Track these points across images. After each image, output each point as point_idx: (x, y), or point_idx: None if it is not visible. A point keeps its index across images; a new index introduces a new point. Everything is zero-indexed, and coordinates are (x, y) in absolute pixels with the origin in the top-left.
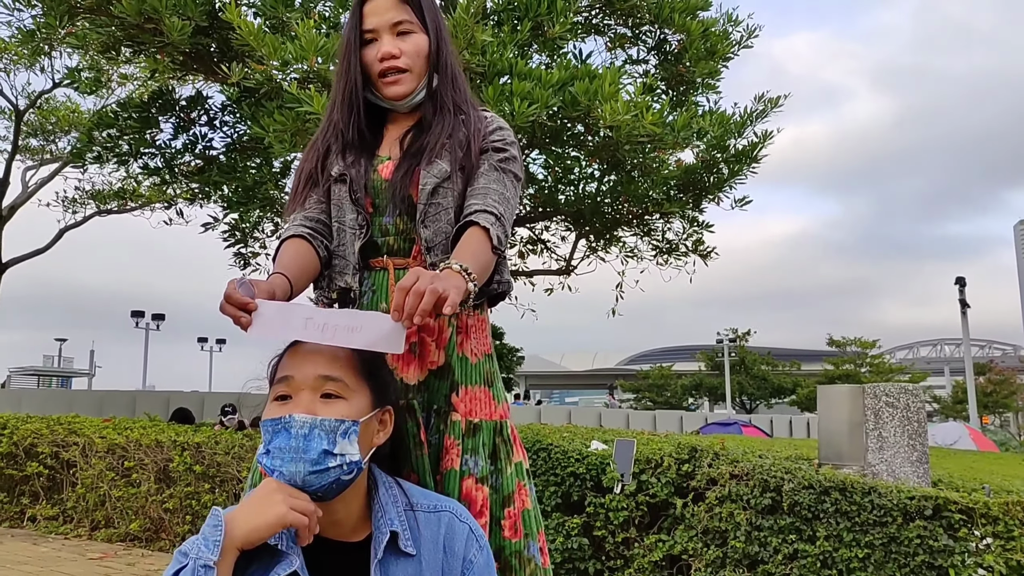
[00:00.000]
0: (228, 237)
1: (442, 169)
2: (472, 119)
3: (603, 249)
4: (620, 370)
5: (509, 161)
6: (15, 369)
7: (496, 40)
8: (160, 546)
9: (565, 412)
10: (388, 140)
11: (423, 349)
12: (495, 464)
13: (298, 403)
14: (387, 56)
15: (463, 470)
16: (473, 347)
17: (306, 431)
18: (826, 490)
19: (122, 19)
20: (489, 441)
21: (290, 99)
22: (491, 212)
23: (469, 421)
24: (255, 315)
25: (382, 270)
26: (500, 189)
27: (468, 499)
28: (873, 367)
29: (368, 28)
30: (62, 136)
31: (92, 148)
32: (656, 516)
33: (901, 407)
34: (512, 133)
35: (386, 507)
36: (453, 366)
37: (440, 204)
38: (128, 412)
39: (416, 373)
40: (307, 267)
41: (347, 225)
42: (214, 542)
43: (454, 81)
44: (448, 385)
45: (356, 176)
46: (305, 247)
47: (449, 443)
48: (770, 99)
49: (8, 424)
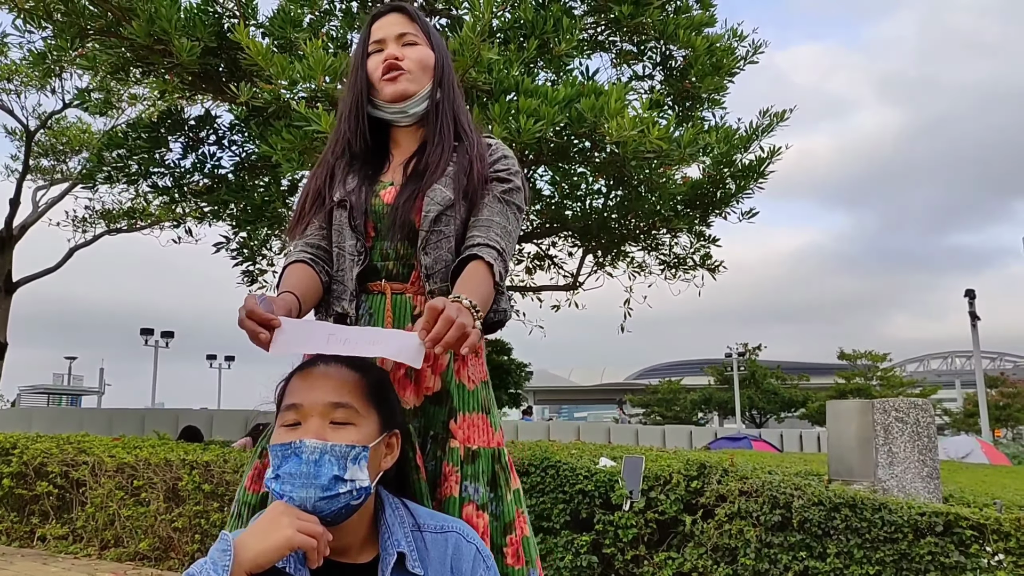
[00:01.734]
0: (236, 255)
1: (445, 196)
2: (475, 144)
3: (610, 264)
4: (629, 385)
5: (512, 192)
6: (25, 387)
7: (502, 58)
8: (169, 565)
9: (574, 428)
10: (393, 164)
11: (419, 374)
12: (495, 491)
13: (307, 429)
14: (390, 57)
15: (463, 497)
16: (470, 373)
17: (316, 456)
18: (836, 507)
19: (132, 41)
20: (488, 468)
21: (298, 118)
22: (494, 247)
23: (468, 448)
24: (277, 331)
25: (379, 294)
26: (503, 222)
27: (470, 525)
28: (884, 380)
29: (375, 39)
30: (72, 156)
31: (102, 168)
32: (665, 533)
33: (911, 422)
34: (516, 162)
35: (393, 528)
36: (451, 393)
37: (442, 232)
38: (137, 430)
39: (412, 398)
40: (311, 290)
41: (346, 251)
42: (223, 567)
43: (455, 102)
44: (446, 412)
45: (357, 203)
46: (308, 271)
47: (448, 470)
48: (776, 113)
49: (18, 444)
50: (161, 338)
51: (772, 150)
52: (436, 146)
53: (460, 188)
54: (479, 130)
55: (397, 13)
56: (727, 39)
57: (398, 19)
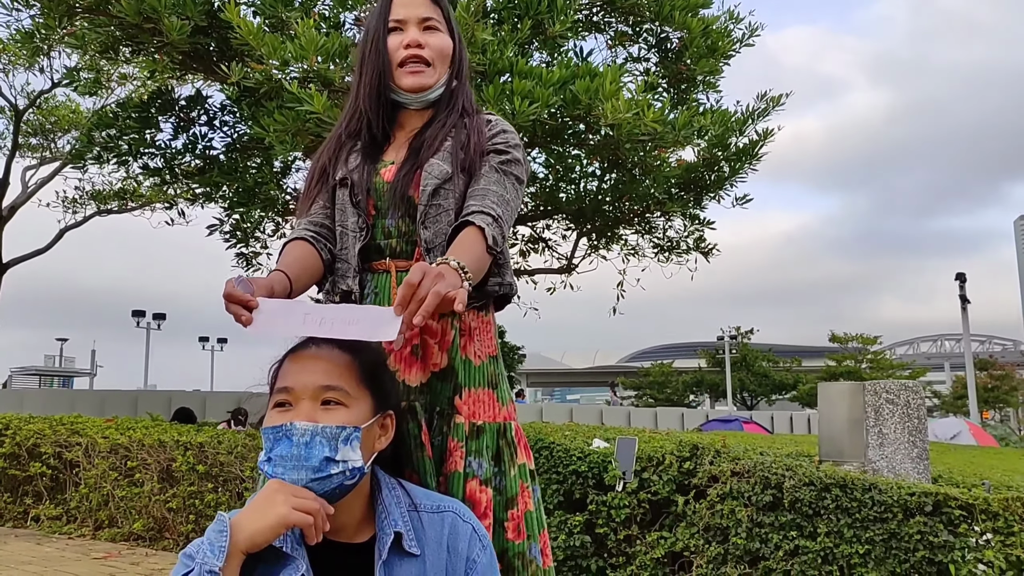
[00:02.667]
0: (230, 237)
1: (443, 170)
2: (476, 120)
3: (604, 247)
4: (621, 367)
5: (511, 163)
6: (16, 369)
7: (496, 39)
8: (164, 545)
9: (567, 410)
10: (396, 143)
11: (425, 351)
12: (498, 466)
13: (299, 411)
14: (413, 43)
15: (467, 472)
16: (477, 349)
17: (307, 439)
18: (827, 487)
19: (121, 19)
20: (492, 443)
21: (290, 99)
22: (488, 213)
23: (472, 423)
24: (255, 312)
25: (384, 272)
26: (500, 191)
27: (472, 501)
28: (874, 363)
29: (396, 18)
30: (62, 136)
31: (92, 148)
32: (658, 513)
33: (901, 404)
34: (516, 136)
35: (390, 508)
36: (456, 368)
37: (441, 205)
38: (130, 412)
39: (418, 375)
40: (309, 268)
41: (349, 228)
42: (219, 548)
43: (468, 88)
44: (451, 387)
45: (358, 180)
46: (308, 249)
47: (453, 445)
48: (772, 97)
49: (11, 424)
50: (153, 320)
51: (765, 132)
52: (438, 122)
53: (457, 161)
54: (480, 107)
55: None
56: (723, 21)
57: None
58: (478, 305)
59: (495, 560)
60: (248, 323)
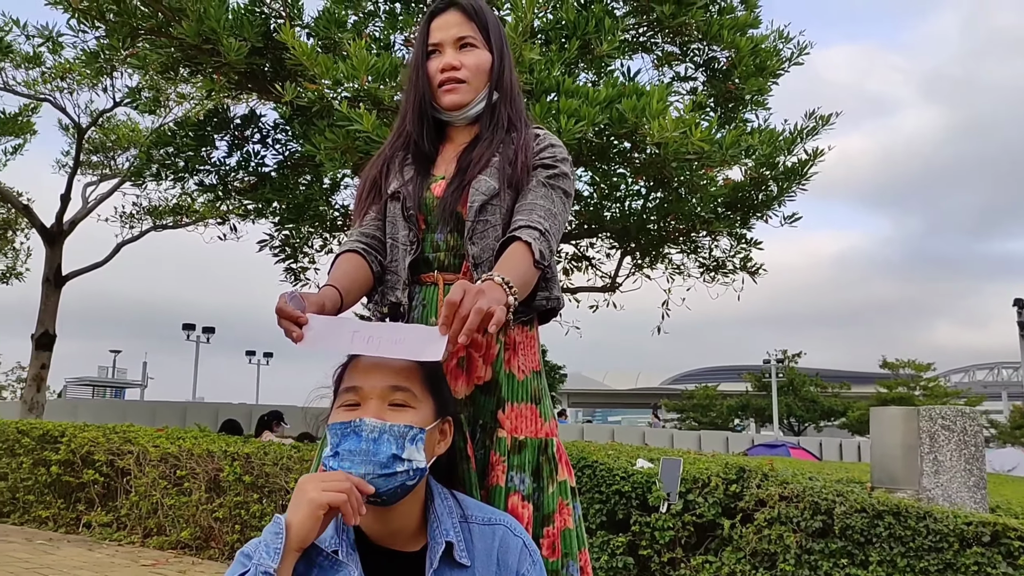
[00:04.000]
0: (279, 252)
1: (490, 186)
2: (523, 136)
3: (649, 266)
4: (664, 389)
5: (558, 177)
6: (71, 379)
7: (544, 58)
8: (210, 554)
9: (608, 431)
10: (444, 158)
11: (470, 364)
12: (537, 482)
13: (367, 410)
14: (447, 67)
15: (508, 487)
16: (521, 364)
17: (376, 435)
18: (879, 514)
19: (181, 40)
20: (533, 459)
21: (340, 118)
22: (535, 227)
23: (515, 438)
24: (305, 328)
25: (432, 285)
26: (547, 205)
27: (514, 515)
28: (927, 391)
29: (433, 42)
30: (121, 153)
31: (150, 165)
32: (703, 537)
33: (958, 430)
34: (564, 150)
35: (441, 518)
36: (500, 382)
37: (488, 221)
38: (179, 422)
39: (463, 388)
40: (359, 280)
41: (399, 241)
42: (275, 549)
43: (513, 100)
44: (495, 401)
45: (410, 193)
46: (359, 261)
47: (495, 459)
48: (821, 117)
49: (67, 432)
50: (203, 333)
51: (815, 152)
52: (485, 140)
53: (505, 177)
54: (530, 122)
55: (455, 11)
56: (772, 40)
57: (456, 19)
58: (524, 320)
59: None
60: (299, 340)
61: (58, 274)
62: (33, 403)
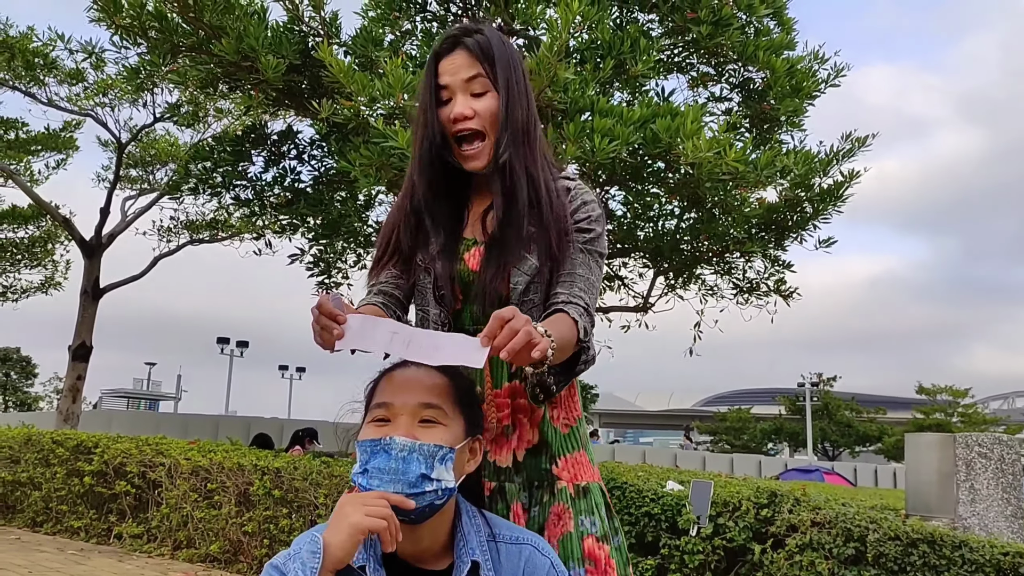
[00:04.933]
0: (312, 267)
1: (531, 266)
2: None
3: (682, 287)
4: (696, 411)
5: (594, 241)
6: (107, 391)
7: (578, 78)
8: (238, 568)
9: (639, 452)
10: (473, 215)
11: (520, 430)
12: (611, 523)
13: (397, 427)
14: (460, 117)
15: (580, 531)
16: (565, 417)
17: (405, 454)
18: (914, 542)
19: (221, 57)
20: (602, 501)
21: (376, 134)
22: (578, 304)
23: (577, 485)
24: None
25: None
26: (586, 274)
27: (592, 559)
28: (965, 417)
29: (442, 84)
30: (160, 168)
31: (188, 180)
32: (733, 561)
33: (995, 458)
34: (598, 207)
35: (468, 537)
36: (549, 441)
37: (532, 300)
38: (211, 435)
39: (508, 455)
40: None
41: (431, 318)
42: (312, 569)
43: (527, 147)
44: (547, 459)
45: (440, 271)
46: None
47: (560, 510)
48: (858, 138)
49: (100, 443)
50: (236, 347)
51: (851, 173)
52: (509, 210)
53: (544, 253)
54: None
55: (461, 51)
56: (808, 61)
57: (463, 60)
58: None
59: None
60: (340, 336)
61: (96, 286)
62: (68, 414)
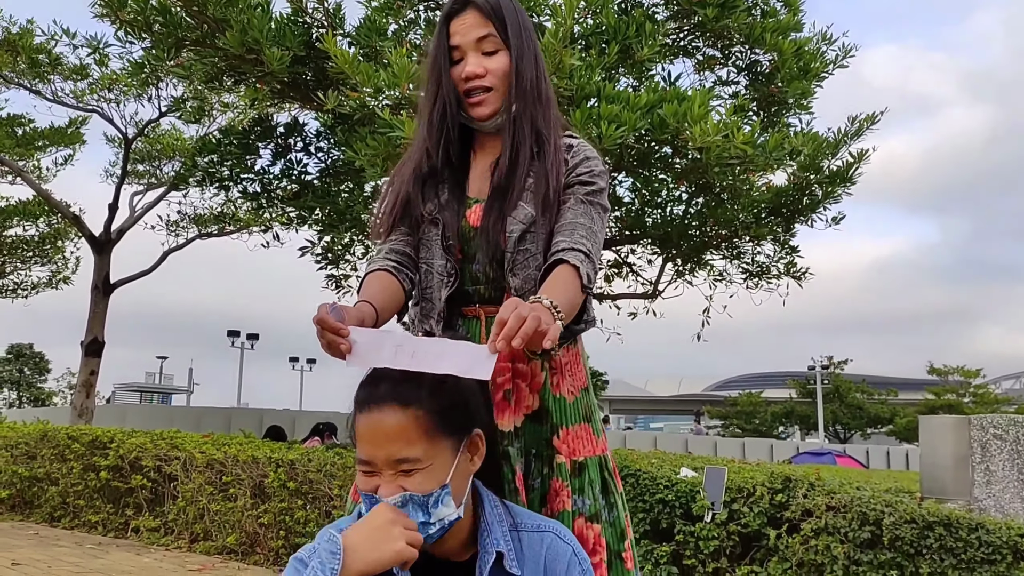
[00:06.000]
0: (321, 259)
1: (527, 214)
2: (554, 151)
3: (690, 273)
4: (707, 396)
5: (597, 193)
6: (120, 385)
7: (584, 64)
8: (255, 560)
9: (650, 438)
10: (477, 172)
11: (518, 395)
12: (607, 499)
13: (383, 479)
14: (471, 76)
15: (574, 510)
16: (569, 385)
17: (400, 504)
18: (929, 525)
19: (225, 50)
20: (597, 477)
21: (382, 125)
22: (580, 250)
23: (574, 461)
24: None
25: (474, 318)
26: (587, 223)
27: (581, 538)
28: (977, 397)
29: (454, 45)
30: (167, 162)
31: (195, 173)
32: (748, 547)
33: (1011, 440)
34: (600, 162)
35: (492, 527)
36: (550, 409)
37: (528, 250)
38: (224, 428)
39: (511, 419)
40: (391, 300)
41: (435, 270)
42: (331, 570)
43: (536, 104)
44: (547, 429)
45: (449, 220)
46: (390, 280)
47: (558, 486)
48: (866, 117)
49: (115, 438)
50: (247, 340)
51: (860, 153)
52: (513, 162)
53: (540, 202)
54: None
55: (472, 11)
56: (815, 43)
57: (474, 19)
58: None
59: None
60: (348, 351)
61: (106, 282)
62: (83, 409)
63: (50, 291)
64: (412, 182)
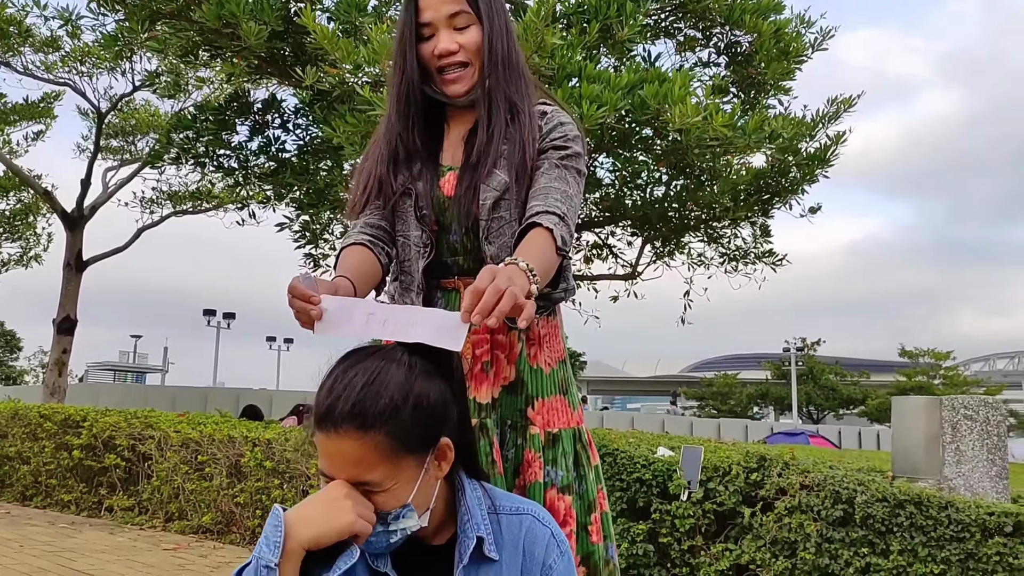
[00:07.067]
0: (299, 238)
1: (501, 180)
2: (528, 119)
3: (669, 255)
4: (683, 377)
5: (572, 158)
6: (93, 364)
7: (565, 43)
8: (231, 539)
9: (628, 418)
10: (449, 143)
11: (497, 366)
12: (577, 471)
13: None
14: (445, 53)
15: (546, 481)
16: (546, 357)
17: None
18: (901, 503)
19: (201, 24)
20: (570, 449)
21: (362, 102)
22: (553, 212)
23: (548, 432)
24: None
25: (454, 291)
26: (562, 187)
27: (552, 509)
28: (947, 379)
29: (424, 22)
30: (141, 138)
31: (170, 149)
32: (723, 525)
33: (980, 420)
34: (574, 127)
35: (472, 511)
36: (526, 380)
37: (503, 217)
38: (200, 408)
39: (489, 391)
40: (368, 274)
41: (412, 242)
42: (275, 543)
43: (509, 75)
44: (523, 399)
45: (422, 191)
46: (366, 254)
47: (531, 457)
48: (843, 100)
49: (88, 417)
50: (223, 319)
51: (837, 136)
52: (488, 132)
53: (514, 168)
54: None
55: None
56: (795, 25)
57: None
58: (545, 312)
59: (572, 566)
60: (318, 317)
61: (79, 259)
62: (55, 388)
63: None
64: (385, 160)
